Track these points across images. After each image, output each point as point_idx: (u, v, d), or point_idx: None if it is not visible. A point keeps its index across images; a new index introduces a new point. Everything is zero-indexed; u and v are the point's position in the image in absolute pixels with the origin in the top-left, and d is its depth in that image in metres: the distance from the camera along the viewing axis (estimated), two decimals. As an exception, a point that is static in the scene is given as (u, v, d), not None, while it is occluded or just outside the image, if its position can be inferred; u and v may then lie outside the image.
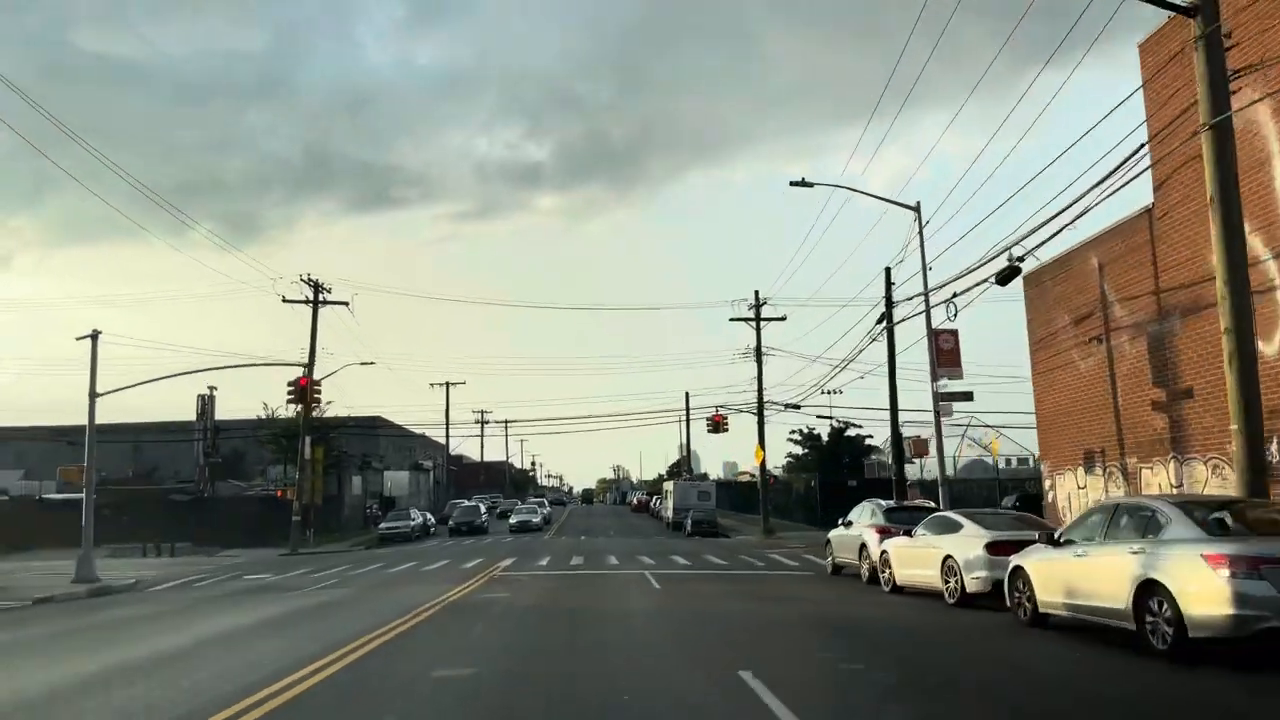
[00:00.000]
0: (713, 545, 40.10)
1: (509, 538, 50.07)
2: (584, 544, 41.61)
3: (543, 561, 29.33)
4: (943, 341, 24.46)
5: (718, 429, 47.81)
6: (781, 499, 62.47)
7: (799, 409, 48.87)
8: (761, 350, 49.72)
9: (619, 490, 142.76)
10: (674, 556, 30.88)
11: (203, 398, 59.54)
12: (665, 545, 39.55)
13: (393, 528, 53.20)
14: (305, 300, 49.22)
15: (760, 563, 27.93)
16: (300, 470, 48.67)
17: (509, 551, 35.68)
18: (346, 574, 27.61)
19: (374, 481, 71.74)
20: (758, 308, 49.69)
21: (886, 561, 18.90)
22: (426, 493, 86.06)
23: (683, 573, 24.47)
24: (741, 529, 55.31)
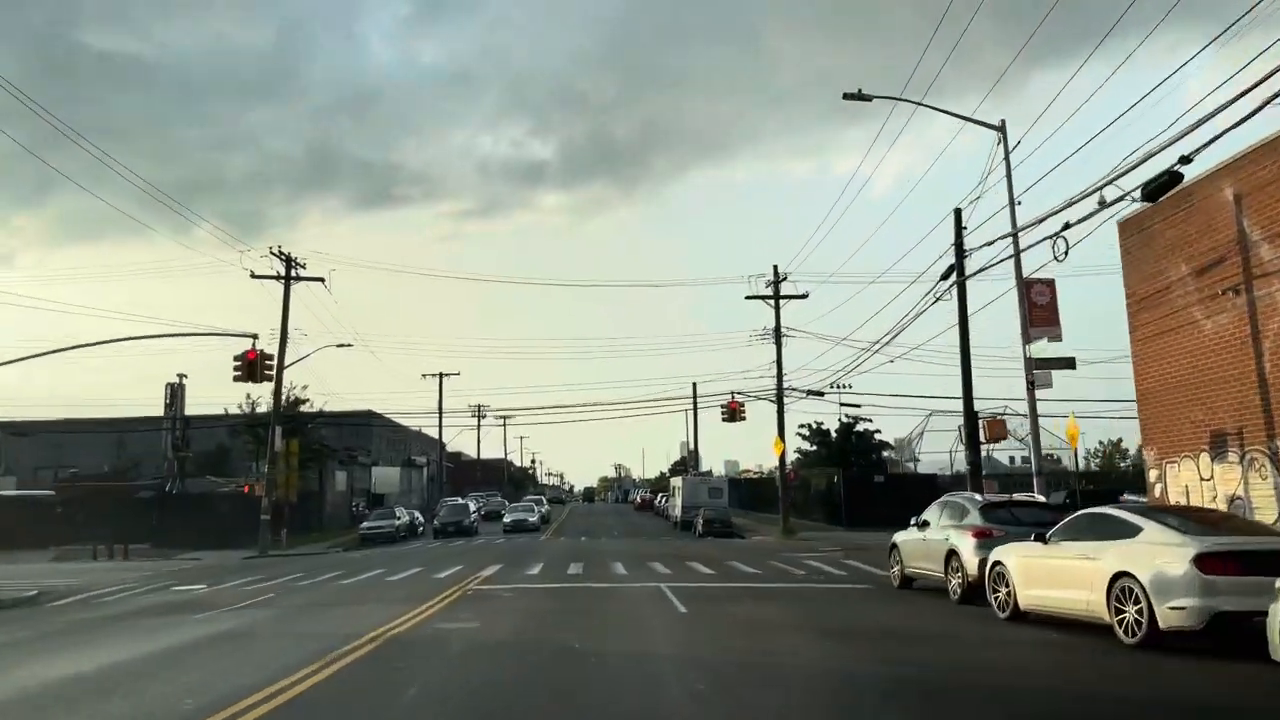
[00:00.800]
0: (731, 548, 34.74)
1: (501, 539, 44.71)
2: (584, 547, 36.22)
3: (534, 569, 23.99)
4: (1037, 294, 19.11)
5: (734, 417, 42.49)
6: (798, 496, 57.05)
7: (822, 396, 43.68)
8: (781, 331, 44.40)
9: (621, 488, 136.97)
10: (692, 563, 25.53)
11: (171, 387, 54.19)
12: (677, 548, 34.18)
13: (375, 528, 47.95)
14: (276, 276, 43.91)
15: (799, 571, 22.58)
16: (270, 464, 43.33)
17: (497, 556, 30.31)
18: (292, 585, 22.27)
19: (361, 478, 66.42)
20: (776, 284, 44.35)
21: (1002, 577, 13.55)
22: (419, 490, 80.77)
23: (709, 586, 19.13)
24: (757, 529, 49.91)
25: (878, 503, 46.80)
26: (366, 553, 40.17)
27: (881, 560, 26.14)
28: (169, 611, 17.15)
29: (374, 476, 67.40)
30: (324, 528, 55.78)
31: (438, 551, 35.26)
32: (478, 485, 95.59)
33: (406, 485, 78.26)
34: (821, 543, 36.59)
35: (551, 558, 28.76)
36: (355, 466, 64.63)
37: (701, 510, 47.92)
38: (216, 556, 40.00)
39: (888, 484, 47.47)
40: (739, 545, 37.61)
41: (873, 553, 29.57)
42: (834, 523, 47.93)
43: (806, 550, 31.48)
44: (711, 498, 51.40)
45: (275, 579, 24.59)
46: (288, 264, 44.06)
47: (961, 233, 21.39)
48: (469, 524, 48.50)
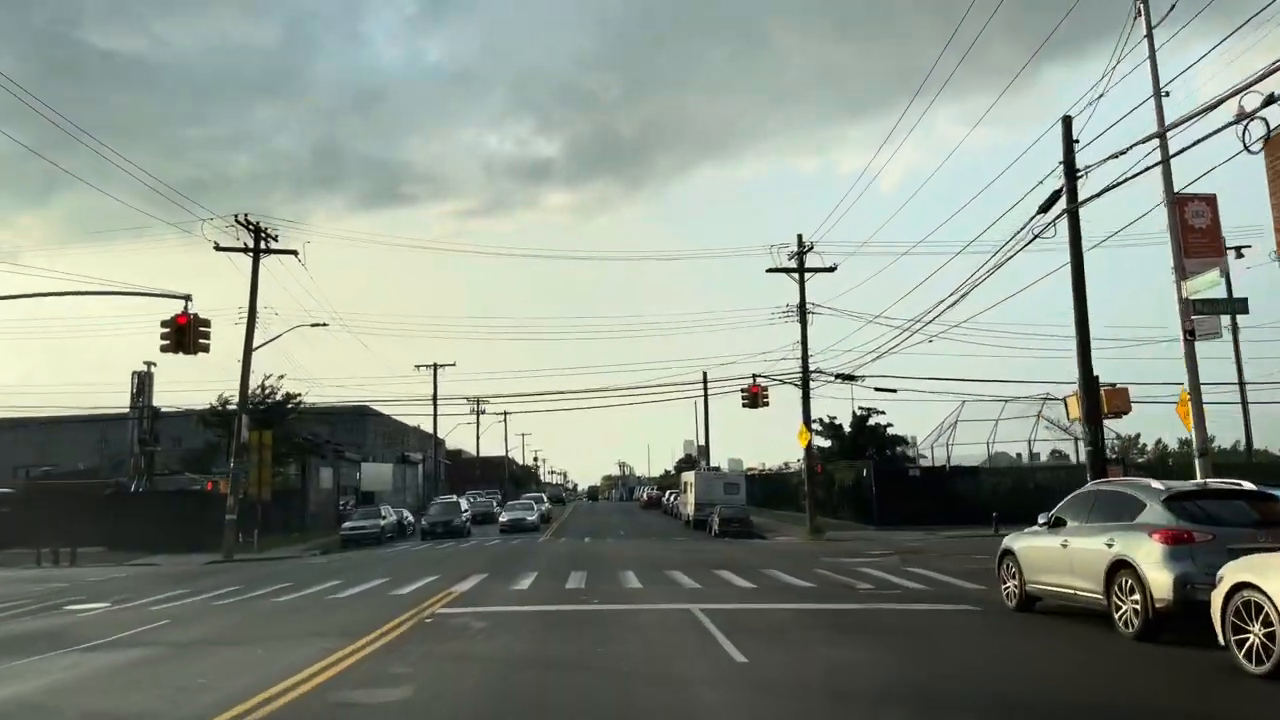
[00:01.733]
0: (758, 551, 29.50)
1: (496, 540, 39.46)
2: (588, 550, 30.97)
3: (525, 581, 18.74)
4: (1192, 213, 13.86)
5: (755, 402, 37.26)
6: (821, 493, 51.79)
7: (853, 380, 38.40)
8: (806, 307, 39.12)
9: (625, 486, 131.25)
10: (720, 571, 20.27)
11: (139, 375, 48.95)
12: (696, 551, 28.92)
13: (357, 529, 42.76)
14: (243, 248, 38.72)
15: (861, 584, 17.31)
16: (235, 457, 38.15)
17: (485, 562, 25.06)
18: (210, 605, 17.05)
19: (350, 474, 61.23)
20: (800, 255, 39.08)
21: (1242, 610, 8.33)
22: (414, 488, 75.58)
23: (756, 609, 13.88)
24: (779, 528, 44.63)
25: (911, 499, 41.60)
26: (343, 556, 35.06)
27: (953, 565, 21.08)
28: (10, 651, 11.90)
29: (363, 473, 62.19)
30: (306, 528, 50.62)
31: (419, 556, 30.03)
32: (477, 483, 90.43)
33: (400, 482, 73.07)
34: (859, 544, 31.33)
35: (549, 564, 23.53)
36: (343, 462, 59.44)
37: (717, 508, 42.70)
38: (175, 561, 35.06)
39: (923, 478, 42.19)
40: (764, 547, 32.34)
41: (931, 556, 24.35)
42: (863, 521, 42.65)
43: (848, 554, 26.23)
44: (727, 494, 46.18)
45: (205, 593, 19.41)
46: (256, 235, 38.85)
47: (1073, 147, 16.21)
48: (460, 524, 43.20)
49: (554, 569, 21.87)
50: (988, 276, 25.31)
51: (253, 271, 38.90)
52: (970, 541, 31.34)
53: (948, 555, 24.56)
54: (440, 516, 43.46)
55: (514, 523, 45.03)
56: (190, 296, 22.67)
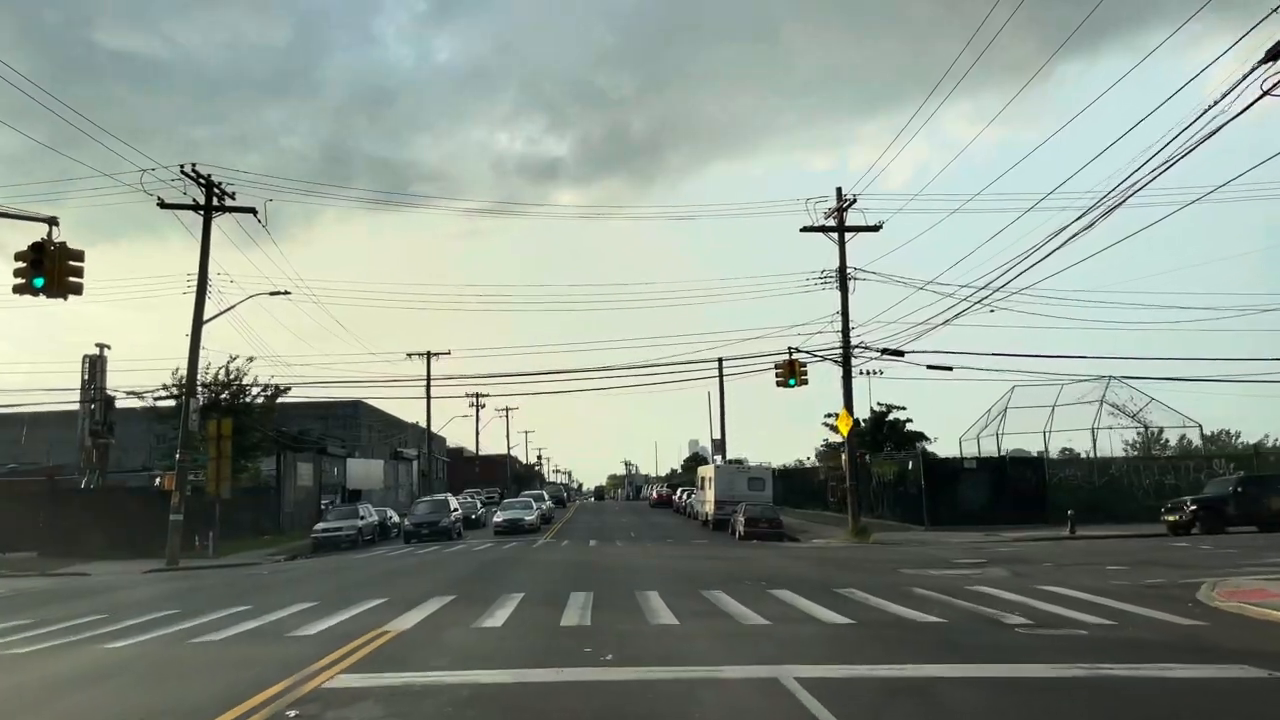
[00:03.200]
0: (804, 558, 23.29)
1: (487, 543, 33.26)
2: (594, 557, 24.78)
3: (502, 611, 12.50)
4: None
5: (791, 377, 30.89)
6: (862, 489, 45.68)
7: (901, 355, 32.21)
8: (847, 272, 32.95)
9: (632, 485, 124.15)
10: (779, 592, 14.08)
11: (90, 360, 42.86)
12: (731, 558, 22.71)
13: (331, 530, 36.73)
14: (193, 206, 32.70)
15: (1012, 616, 11.14)
16: (182, 447, 32.11)
17: (457, 577, 18.83)
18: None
19: (336, 471, 55.12)
20: (840, 212, 32.93)
21: None
22: (407, 486, 69.46)
23: (898, 676, 7.67)
24: (810, 528, 38.44)
25: (964, 495, 35.49)
26: (303, 564, 29.16)
27: (1095, 581, 14.85)
28: None
29: (349, 470, 56.06)
30: (281, 529, 44.53)
31: (387, 565, 23.88)
32: (477, 482, 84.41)
33: (393, 480, 66.97)
34: (919, 549, 25.13)
35: (543, 580, 17.34)
36: (327, 458, 53.32)
37: (741, 506, 36.52)
38: (111, 569, 29.48)
39: (979, 471, 35.98)
40: (808, 553, 26.16)
41: (1043, 567, 18.17)
42: (909, 520, 36.48)
43: (922, 562, 20.00)
44: (752, 490, 39.97)
45: (52, 624, 13.25)
46: (208, 190, 32.80)
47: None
48: (447, 525, 37.03)
49: (549, 587, 15.68)
50: (1085, 230, 19.30)
51: (204, 232, 32.86)
52: (1059, 546, 25.12)
53: (1064, 566, 18.36)
54: (425, 517, 37.33)
55: (510, 524, 38.90)
56: (56, 219, 16.50)
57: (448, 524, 36.83)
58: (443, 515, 37.28)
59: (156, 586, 21.07)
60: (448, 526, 36.77)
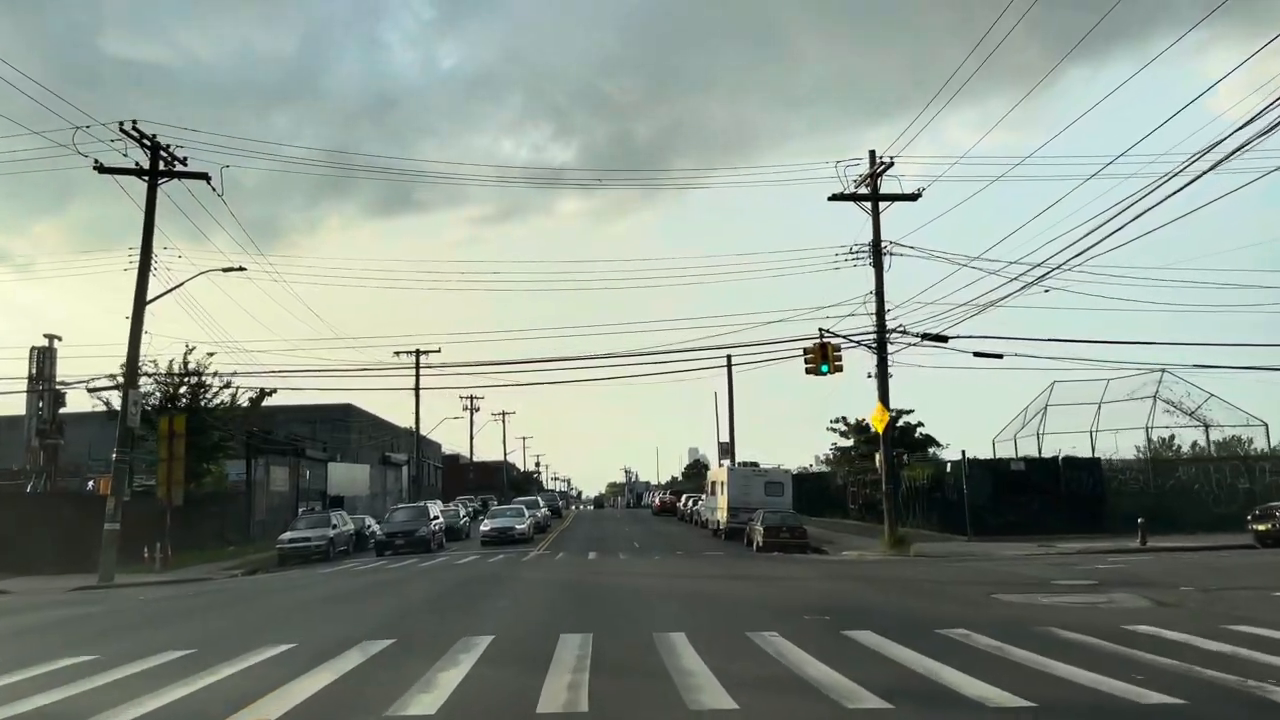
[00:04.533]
0: (850, 576, 18.67)
1: (471, 556, 28.66)
2: (593, 574, 20.15)
3: (451, 674, 7.92)
4: None
5: (825, 362, 26.13)
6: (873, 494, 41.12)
7: (945, 341, 27.68)
8: (881, 246, 28.46)
9: (633, 491, 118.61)
10: (857, 633, 9.55)
11: (38, 352, 38.38)
12: (762, 578, 18.09)
13: (299, 540, 32.27)
14: (136, 170, 28.24)
15: (1245, 679, 6.62)
16: (120, 446, 27.56)
17: (418, 604, 14.25)
18: None
19: (317, 476, 50.51)
20: (874, 178, 28.50)
21: None
22: (396, 493, 64.83)
23: None
24: (835, 538, 33.90)
25: (1012, 501, 30.92)
26: (251, 582, 24.83)
27: (1273, 614, 10.53)
28: None
29: (331, 475, 51.43)
30: (250, 538, 39.99)
31: (335, 585, 19.28)
32: (472, 489, 79.84)
33: (380, 487, 62.36)
34: (974, 564, 20.58)
35: (524, 610, 12.77)
36: (306, 461, 48.72)
37: (758, 514, 31.97)
38: (37, 586, 25.72)
39: (1029, 474, 31.35)
40: (846, 568, 21.58)
41: (1173, 588, 13.69)
42: (947, 529, 31.91)
43: (999, 581, 15.46)
44: (769, 496, 35.39)
45: None
46: (153, 153, 28.37)
47: None
48: (425, 535, 32.17)
49: (531, 624, 11.11)
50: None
51: (148, 200, 28.40)
52: (1152, 560, 20.58)
53: (1209, 590, 13.80)
54: (401, 526, 32.61)
55: (498, 533, 34.21)
56: None
57: (425, 534, 32.15)
58: (420, 524, 32.54)
59: (42, 613, 16.46)
60: (425, 537, 32.06)
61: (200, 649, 9.74)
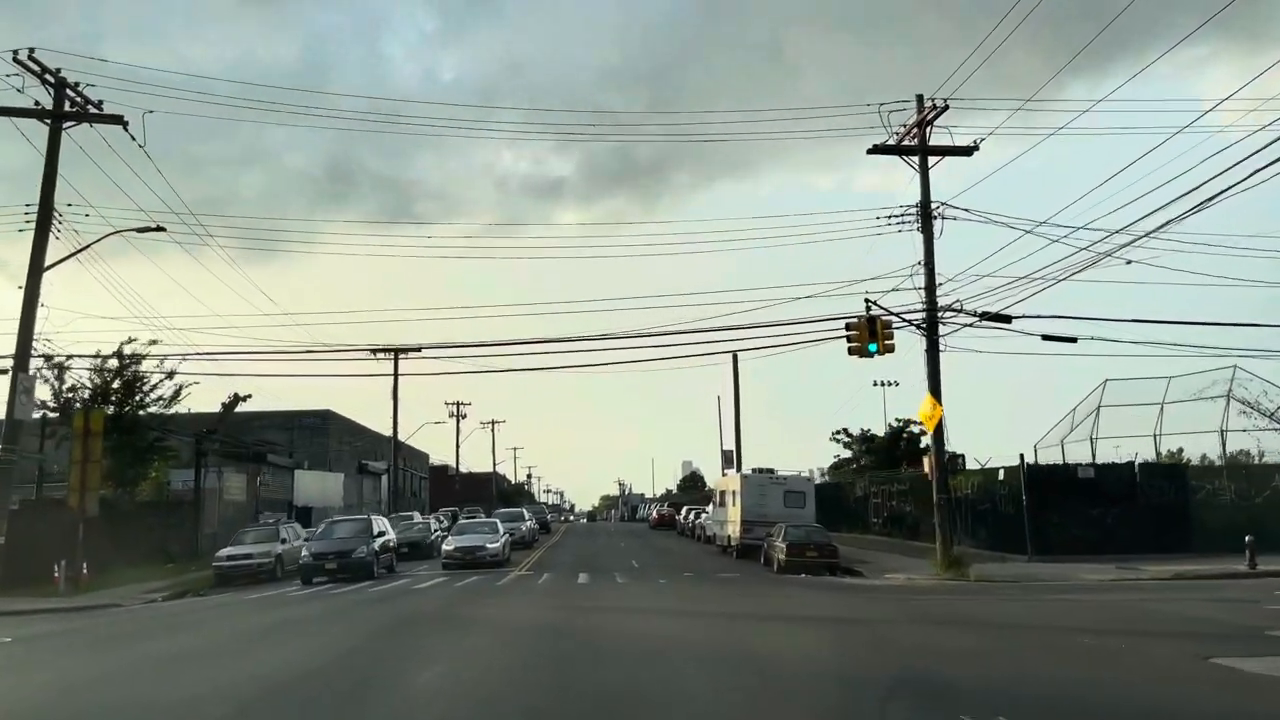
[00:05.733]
0: (936, 615, 13.35)
1: (430, 581, 23.07)
2: (581, 610, 14.68)
3: None
4: None
5: (872, 341, 20.75)
6: (912, 509, 35.87)
7: (1009, 322, 22.53)
8: (931, 209, 23.33)
9: (628, 504, 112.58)
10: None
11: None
12: (821, 620, 12.79)
13: (239, 559, 26.83)
14: (37, 112, 23.03)
15: None
16: (3, 443, 22.26)
17: (281, 678, 8.96)
18: None
19: (282, 485, 45.06)
20: (922, 128, 23.40)
21: None
22: (374, 504, 59.30)
23: None
24: (867, 558, 28.64)
25: (1080, 515, 25.74)
26: (170, 610, 19.57)
27: None
28: None
29: (298, 483, 45.95)
30: (198, 553, 34.37)
31: (216, 629, 13.91)
32: (458, 501, 74.36)
33: (356, 497, 56.83)
34: (1067, 591, 15.36)
35: (458, 702, 7.53)
36: (269, 468, 43.27)
37: (780, 529, 26.64)
38: None
39: (1098, 482, 26.13)
40: (916, 601, 16.25)
41: None
42: (1004, 546, 26.67)
43: (1139, 623, 10.23)
44: (789, 507, 30.06)
45: None
46: (58, 92, 23.17)
47: None
48: (365, 557, 24.66)
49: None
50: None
51: (50, 146, 23.19)
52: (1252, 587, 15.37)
53: None
54: (333, 545, 25.05)
55: (463, 554, 27.46)
56: None
57: (365, 554, 24.69)
58: (358, 543, 25.10)
59: None
60: (364, 558, 24.62)
61: None
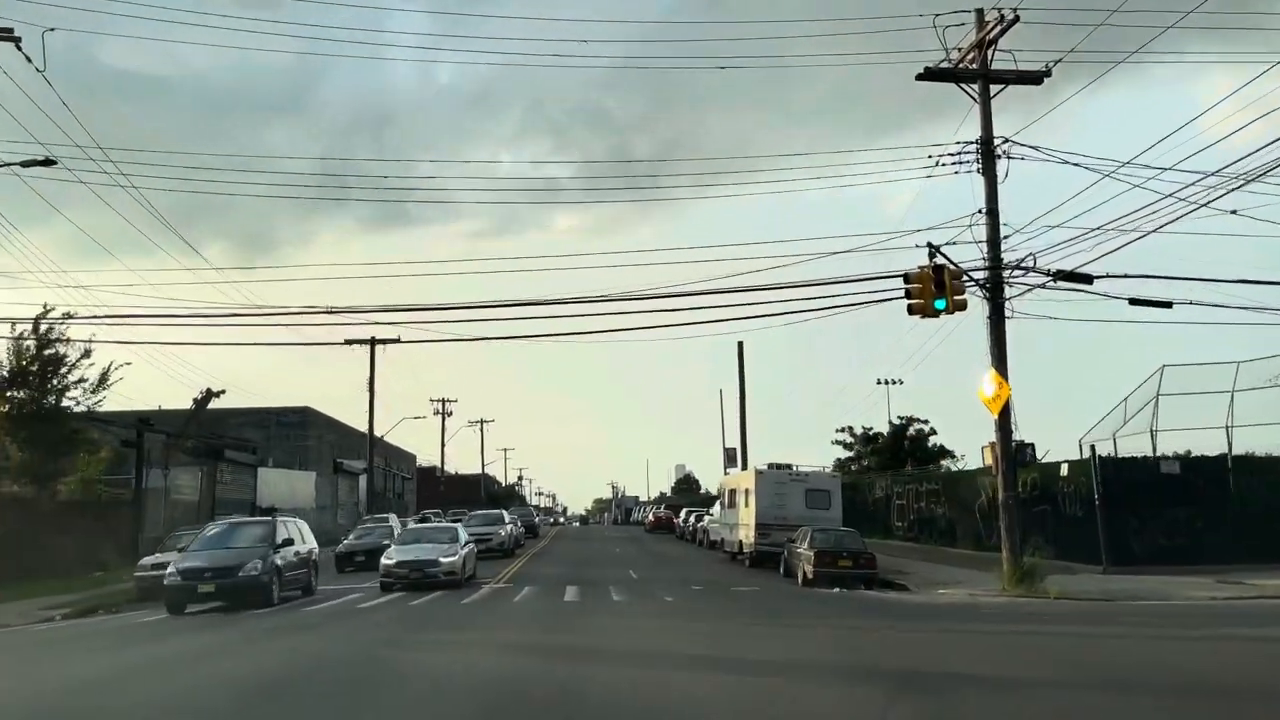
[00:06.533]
0: (1061, 653, 9.02)
1: (371, 601, 18.52)
2: (564, 650, 10.23)
3: None
4: None
5: (941, 297, 16.41)
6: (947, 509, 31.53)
7: (1089, 283, 18.24)
8: (993, 147, 19.01)
9: (621, 507, 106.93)
10: None
11: None
12: (935, 683, 8.46)
13: (164, 568, 22.05)
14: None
15: None
16: None
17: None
18: None
19: (242, 484, 40.53)
20: (983, 49, 19.05)
21: None
22: (351, 505, 54.81)
23: None
24: (903, 566, 24.22)
25: (1165, 518, 21.47)
26: (43, 633, 14.87)
27: None
28: None
29: (261, 482, 41.39)
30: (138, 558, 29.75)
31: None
32: (444, 503, 69.84)
33: (331, 498, 52.30)
34: (1189, 615, 11.00)
35: None
36: (228, 465, 38.72)
37: (803, 533, 22.24)
38: None
39: (1186, 478, 21.83)
40: (1018, 632, 11.84)
41: None
42: (1072, 555, 22.19)
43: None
44: (813, 508, 25.57)
45: None
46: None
47: None
48: (256, 575, 17.22)
49: None
50: None
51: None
52: None
53: None
54: (211, 560, 17.59)
55: (408, 570, 20.45)
56: None
57: (256, 573, 17.13)
58: (250, 556, 17.55)
59: None
60: (256, 578, 17.07)
61: None
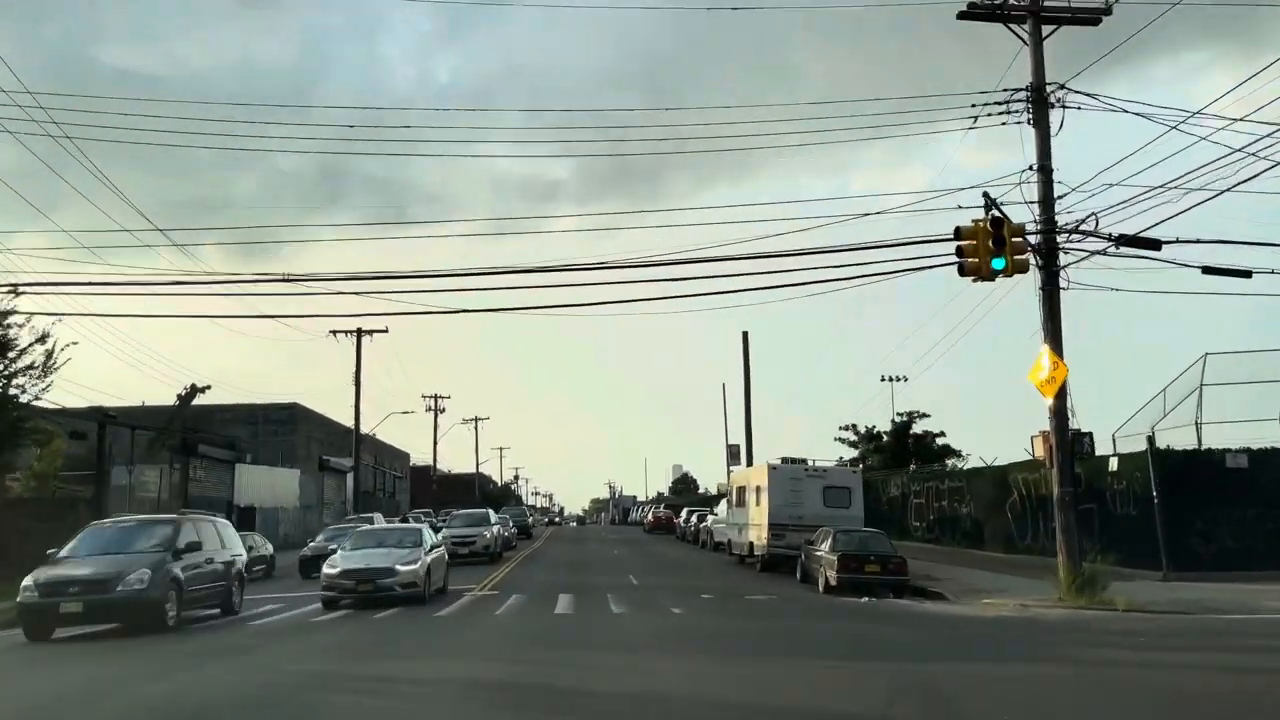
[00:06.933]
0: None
1: (322, 618, 15.71)
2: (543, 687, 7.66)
3: None
4: None
5: (999, 256, 13.86)
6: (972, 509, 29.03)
7: (1157, 248, 15.82)
8: (1046, 92, 16.50)
9: (619, 506, 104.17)
10: None
11: None
12: None
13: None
14: None
15: None
16: None
17: None
18: None
19: (219, 482, 37.96)
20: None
21: None
22: (337, 504, 52.25)
23: None
24: (930, 570, 21.66)
25: (1224, 518, 18.99)
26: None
27: None
28: None
29: (240, 480, 38.82)
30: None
31: None
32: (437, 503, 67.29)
33: (316, 497, 49.75)
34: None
35: None
36: (202, 462, 36.15)
37: (823, 534, 19.70)
38: None
39: (1257, 472, 19.34)
40: (1141, 666, 9.32)
41: None
42: (1126, 560, 19.57)
43: None
44: (831, 507, 22.98)
45: None
46: None
47: None
48: (139, 591, 13.15)
49: None
50: None
51: None
52: None
53: None
54: (90, 573, 13.32)
55: (354, 582, 16.39)
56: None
57: (142, 587, 13.27)
58: (136, 565, 13.55)
59: None
60: (142, 594, 13.26)
61: None
